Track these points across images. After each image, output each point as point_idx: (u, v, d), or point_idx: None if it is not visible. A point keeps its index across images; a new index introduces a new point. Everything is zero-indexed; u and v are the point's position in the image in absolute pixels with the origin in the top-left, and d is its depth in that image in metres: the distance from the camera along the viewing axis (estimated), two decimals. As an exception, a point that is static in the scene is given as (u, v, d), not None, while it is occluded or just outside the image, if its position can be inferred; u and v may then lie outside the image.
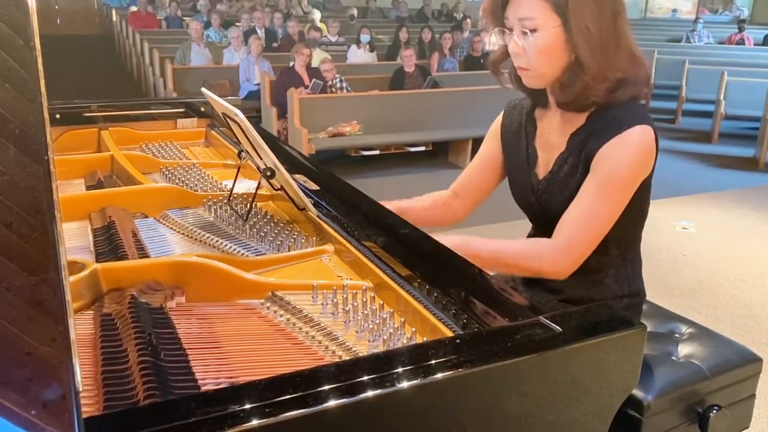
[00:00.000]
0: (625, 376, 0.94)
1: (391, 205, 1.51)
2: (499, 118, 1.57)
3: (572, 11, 1.24)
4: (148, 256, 1.26)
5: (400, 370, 0.77)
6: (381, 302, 1.12)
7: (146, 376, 0.83)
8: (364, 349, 0.99)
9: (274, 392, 0.71)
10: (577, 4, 1.24)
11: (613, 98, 1.31)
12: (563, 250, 1.31)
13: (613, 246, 1.39)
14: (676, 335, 1.53)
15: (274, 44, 8.68)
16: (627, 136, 1.28)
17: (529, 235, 1.61)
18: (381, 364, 0.78)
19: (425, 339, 0.99)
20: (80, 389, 0.58)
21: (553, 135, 1.43)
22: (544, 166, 1.44)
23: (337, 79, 6.32)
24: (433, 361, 0.79)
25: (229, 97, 2.06)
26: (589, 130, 1.34)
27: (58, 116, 2.09)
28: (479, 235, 1.41)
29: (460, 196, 1.63)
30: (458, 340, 0.89)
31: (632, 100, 1.32)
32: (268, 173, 1.39)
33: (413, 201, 1.63)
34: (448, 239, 1.26)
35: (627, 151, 1.28)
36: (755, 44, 12.19)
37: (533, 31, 1.27)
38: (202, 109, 2.34)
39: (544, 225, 1.51)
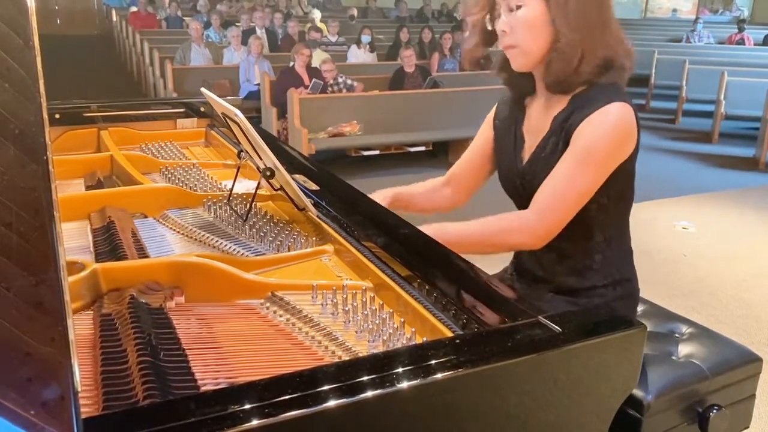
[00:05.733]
0: (625, 376, 0.94)
1: (389, 192, 1.57)
2: (493, 109, 1.61)
3: None
4: (147, 257, 1.26)
5: (399, 370, 0.77)
6: (381, 302, 1.12)
7: (145, 377, 0.83)
8: (363, 350, 0.99)
9: (273, 392, 0.71)
10: None
11: (602, 78, 1.35)
12: (535, 218, 1.34)
13: (597, 231, 1.41)
14: (676, 335, 1.53)
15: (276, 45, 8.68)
16: (605, 112, 1.31)
17: None
18: (381, 365, 0.78)
19: (425, 339, 0.99)
20: (79, 389, 0.58)
21: (539, 119, 1.45)
22: (529, 150, 1.46)
23: (341, 77, 6.32)
24: (432, 362, 0.79)
25: (229, 97, 2.06)
26: (571, 110, 1.37)
27: (57, 116, 2.09)
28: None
29: (452, 182, 1.67)
30: (458, 340, 0.89)
31: (614, 85, 1.36)
32: (268, 173, 1.39)
33: (410, 187, 1.68)
34: (423, 229, 1.30)
35: (605, 126, 1.31)
36: (755, 44, 12.18)
37: (519, 7, 1.33)
38: (202, 109, 2.34)
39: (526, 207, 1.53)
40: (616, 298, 1.43)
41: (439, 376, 0.77)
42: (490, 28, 1.43)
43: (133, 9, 11.15)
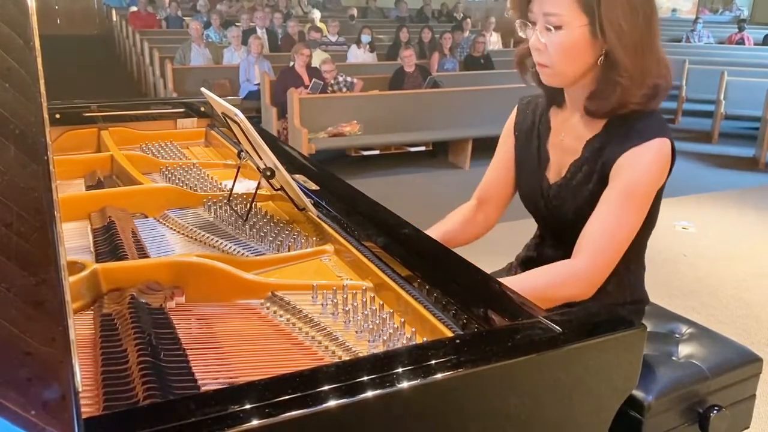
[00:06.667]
0: (625, 377, 0.94)
1: (434, 233, 1.48)
2: (513, 116, 1.54)
3: (604, 9, 1.20)
4: (147, 256, 1.26)
5: (400, 370, 0.77)
6: (381, 302, 1.12)
7: (146, 377, 0.83)
8: (363, 350, 0.99)
9: (273, 392, 0.71)
10: (609, 2, 1.20)
11: (648, 106, 1.28)
12: (588, 266, 1.26)
13: None
14: (676, 335, 1.53)
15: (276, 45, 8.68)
16: (646, 148, 1.26)
17: (535, 236, 1.61)
18: (381, 365, 0.78)
19: (425, 339, 0.99)
20: (80, 389, 0.58)
21: (568, 138, 1.40)
22: (555, 170, 1.42)
23: (341, 76, 6.32)
24: (433, 362, 0.79)
25: (229, 97, 2.06)
26: (607, 138, 1.31)
27: (58, 116, 2.09)
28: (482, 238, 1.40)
29: (483, 204, 1.59)
30: (458, 341, 0.89)
31: (653, 112, 1.30)
32: (268, 173, 1.39)
33: (448, 225, 1.56)
34: None
35: (646, 163, 1.26)
36: (755, 44, 12.17)
37: (557, 28, 1.23)
38: (202, 109, 2.34)
39: (550, 227, 1.50)
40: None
41: (439, 376, 0.77)
42: (521, 35, 1.33)
43: (133, 9, 11.15)
